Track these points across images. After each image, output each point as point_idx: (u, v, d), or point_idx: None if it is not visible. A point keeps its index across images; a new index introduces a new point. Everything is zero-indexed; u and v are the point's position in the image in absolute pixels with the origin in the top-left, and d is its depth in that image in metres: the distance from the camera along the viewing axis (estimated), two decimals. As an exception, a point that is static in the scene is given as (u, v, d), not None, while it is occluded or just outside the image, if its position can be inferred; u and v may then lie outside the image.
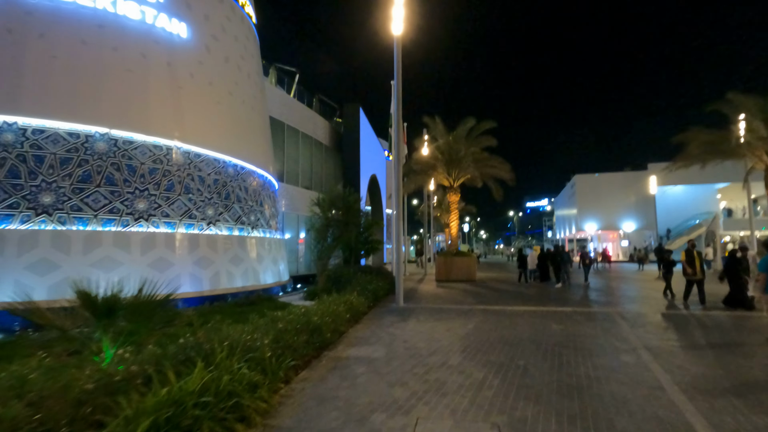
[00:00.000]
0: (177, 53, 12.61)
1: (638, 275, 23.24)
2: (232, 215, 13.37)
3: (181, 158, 12.12)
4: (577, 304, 11.50)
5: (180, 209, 11.75)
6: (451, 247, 20.23)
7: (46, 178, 9.93)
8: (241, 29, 15.81)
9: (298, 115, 24.50)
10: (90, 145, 10.56)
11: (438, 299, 12.40)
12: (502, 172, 18.79)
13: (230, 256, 12.98)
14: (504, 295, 13.42)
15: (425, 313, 9.65)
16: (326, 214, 12.43)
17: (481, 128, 19.60)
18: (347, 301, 7.95)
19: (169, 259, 11.22)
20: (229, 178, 13.61)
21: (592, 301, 12.22)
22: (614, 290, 15.45)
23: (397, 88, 11.48)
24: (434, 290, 15.09)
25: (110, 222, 10.42)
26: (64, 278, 9.65)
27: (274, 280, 15.15)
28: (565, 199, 64.30)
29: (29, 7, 10.66)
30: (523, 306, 10.90)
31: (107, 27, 11.35)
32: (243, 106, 15.07)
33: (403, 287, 11.57)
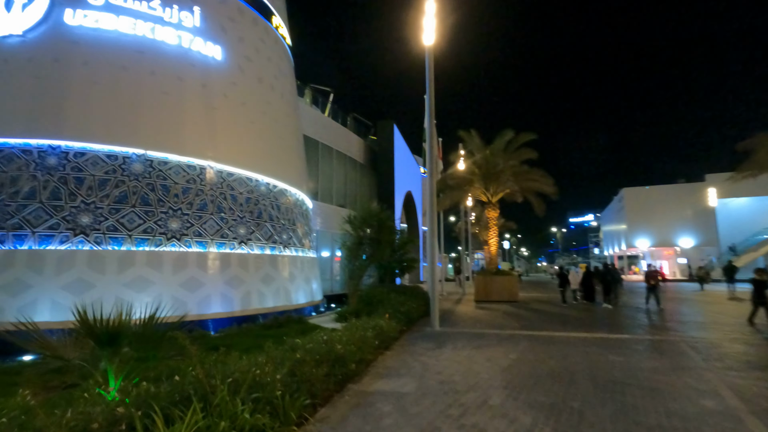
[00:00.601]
0: (211, 75, 12.84)
1: (700, 296, 21.11)
2: (263, 234, 13.24)
3: (214, 177, 12.16)
4: (635, 329, 10.30)
5: (212, 228, 11.71)
6: (491, 266, 19.22)
7: (85, 200, 10.16)
8: (275, 50, 16.03)
9: (333, 134, 24.60)
10: (127, 166, 10.77)
11: (477, 322, 11.55)
12: (544, 185, 17.74)
13: (261, 276, 12.78)
14: (550, 318, 12.34)
15: (463, 338, 8.88)
16: (357, 232, 12.02)
17: (520, 140, 18.72)
18: (376, 325, 7.38)
19: (200, 279, 11.13)
20: (261, 196, 13.55)
21: (651, 326, 10.94)
22: (675, 313, 13.91)
23: (430, 101, 11.02)
24: (473, 312, 14.19)
25: (144, 242, 10.48)
26: (99, 298, 9.71)
27: (306, 300, 14.82)
28: (613, 213, 60.93)
29: (76, 37, 11.18)
30: (572, 332, 9.87)
31: (146, 52, 11.71)
32: (276, 125, 15.13)
33: (439, 308, 10.87)
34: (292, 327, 10.10)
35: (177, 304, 10.58)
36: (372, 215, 12.03)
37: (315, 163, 22.66)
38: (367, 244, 12.13)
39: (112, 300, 9.87)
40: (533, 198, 19.41)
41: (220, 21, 13.55)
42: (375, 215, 12.02)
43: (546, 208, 19.75)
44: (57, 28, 11.16)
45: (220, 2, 13.71)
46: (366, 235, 12.13)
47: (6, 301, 9.24)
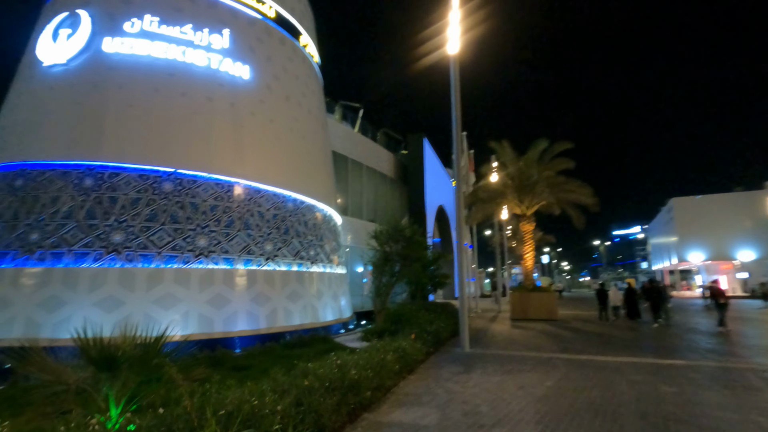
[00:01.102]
0: (240, 94, 13.09)
1: (765, 315, 19.10)
2: (290, 250, 13.17)
3: (242, 194, 12.26)
4: (690, 354, 9.26)
5: (239, 245, 11.74)
6: (527, 282, 18.27)
7: (117, 218, 10.45)
8: (302, 68, 16.25)
9: (362, 149, 24.64)
10: (157, 185, 11.03)
11: (511, 343, 10.82)
12: (583, 196, 16.76)
13: (288, 293, 12.66)
14: (592, 339, 11.40)
15: (494, 362, 8.26)
16: (384, 247, 11.69)
17: (556, 150, 17.89)
18: (398, 347, 6.95)
19: (226, 296, 11.12)
20: (288, 212, 13.54)
21: (709, 350, 9.82)
22: (738, 335, 12.53)
23: (456, 111, 10.64)
24: (508, 331, 13.40)
25: (172, 259, 10.61)
26: (128, 315, 9.87)
27: (334, 317, 14.55)
28: (661, 225, 57.40)
29: (113, 63, 11.72)
30: (618, 355, 8.99)
31: (177, 75, 12.10)
32: (303, 142, 15.20)
33: (471, 327, 10.29)
34: (316, 346, 9.81)
35: (203, 321, 10.60)
36: (399, 230, 11.67)
37: (344, 178, 22.69)
38: (394, 260, 11.75)
39: (141, 317, 10.02)
40: (571, 210, 18.40)
41: (249, 42, 13.88)
42: (401, 230, 11.66)
43: (586, 221, 18.69)
44: (96, 55, 11.75)
45: (248, 24, 14.07)
46: (393, 251, 11.77)
47: (43, 317, 9.55)
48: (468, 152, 21.07)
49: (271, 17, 14.99)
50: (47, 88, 11.69)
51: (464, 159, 20.81)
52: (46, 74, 11.86)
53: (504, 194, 17.77)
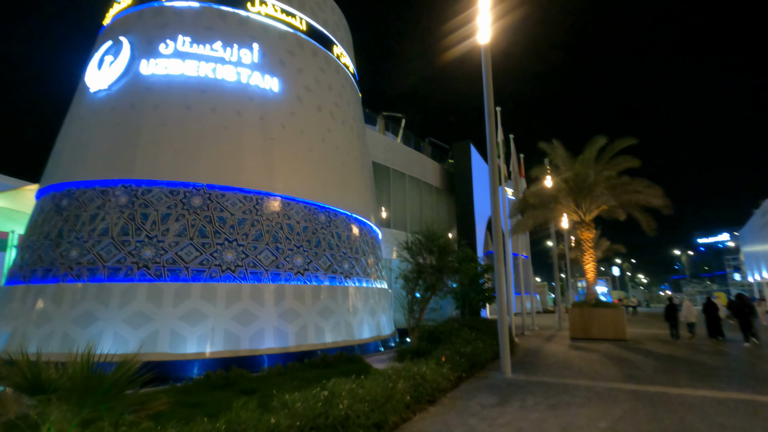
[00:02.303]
0: (269, 107, 12.99)
1: None
2: (322, 264, 12.65)
3: (270, 207, 12.00)
4: (803, 389, 7.28)
5: (267, 259, 11.42)
6: (589, 296, 16.29)
7: (148, 234, 10.55)
8: (336, 79, 16.00)
9: (405, 159, 23.96)
10: (186, 200, 11.06)
11: (564, 368, 9.34)
12: (651, 197, 14.64)
13: (319, 309, 12.09)
14: (667, 365, 9.56)
15: (538, 391, 6.98)
16: (417, 259, 10.77)
17: (616, 147, 15.98)
18: (417, 373, 5.99)
19: (253, 312, 10.77)
20: (320, 225, 13.08)
21: (830, 384, 7.71)
22: None
23: (489, 107, 9.58)
24: (564, 353, 11.77)
25: (200, 274, 10.48)
26: (155, 331, 9.81)
27: (371, 335, 13.74)
28: (755, 230, 50.40)
29: (149, 83, 12.12)
30: (699, 388, 7.29)
31: (208, 91, 12.24)
32: (336, 153, 14.81)
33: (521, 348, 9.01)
34: (341, 366, 9.06)
35: (229, 338, 10.29)
36: (432, 239, 10.71)
37: (387, 190, 22.09)
38: (428, 272, 10.78)
39: (168, 333, 9.93)
40: (639, 214, 16.23)
41: (279, 55, 13.85)
42: (435, 239, 10.68)
43: (662, 227, 16.51)
44: (134, 78, 12.23)
45: (279, 37, 14.07)
46: (426, 263, 10.81)
47: (77, 332, 9.74)
48: (516, 155, 19.57)
49: (302, 30, 14.93)
50: (92, 113, 12.32)
51: (513, 163, 19.35)
52: (93, 100, 12.53)
53: (557, 199, 16.09)
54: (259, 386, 7.33)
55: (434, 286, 10.76)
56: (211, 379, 7.59)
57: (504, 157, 16.58)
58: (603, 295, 62.61)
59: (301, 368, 9.14)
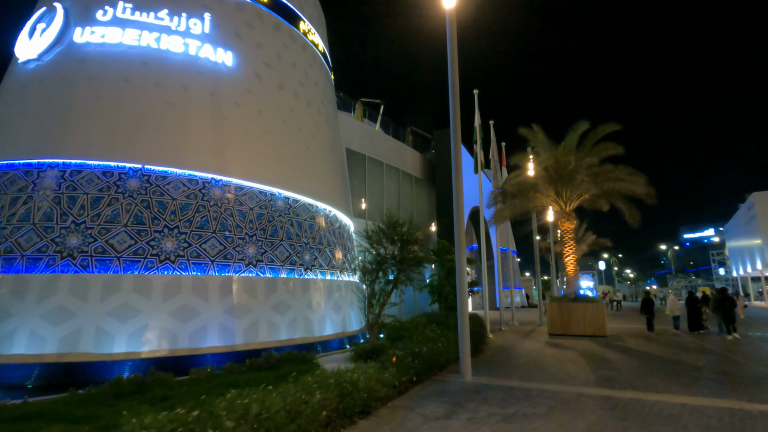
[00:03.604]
0: (222, 82, 11.84)
1: None
2: (279, 254, 11.61)
3: (219, 192, 10.90)
4: (794, 394, 6.46)
5: (213, 248, 10.35)
6: (569, 290, 15.48)
7: (75, 219, 9.41)
8: (302, 56, 14.86)
9: (382, 147, 22.90)
10: (122, 183, 9.92)
11: (534, 369, 8.45)
12: (634, 185, 13.79)
13: (273, 303, 11.07)
14: (646, 365, 8.73)
15: (497, 399, 6.05)
16: (376, 248, 9.80)
17: (599, 133, 15.10)
18: (347, 380, 5.00)
19: (195, 307, 9.71)
20: (278, 212, 12.02)
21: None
22: None
23: (453, 80, 8.56)
24: (538, 351, 10.91)
25: (133, 265, 9.38)
26: (79, 328, 8.71)
27: (334, 331, 12.77)
28: (740, 225, 50.37)
29: (83, 54, 10.90)
30: (679, 392, 6.43)
31: (151, 64, 11.06)
32: (300, 135, 13.72)
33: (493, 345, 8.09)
34: (285, 368, 8.03)
35: (165, 336, 9.24)
36: (394, 227, 9.72)
37: (362, 178, 21.04)
38: (389, 264, 9.80)
39: (93, 330, 8.82)
40: (622, 204, 15.42)
41: (235, 27, 12.67)
42: (397, 227, 9.70)
43: (648, 222, 15.97)
44: (67, 48, 11.00)
45: (235, 8, 12.89)
46: (388, 253, 9.83)
47: (-12, 330, 8.60)
48: (496, 143, 18.63)
49: (264, 2, 13.75)
50: (19, 86, 11.07)
51: (493, 150, 18.42)
52: (21, 71, 11.26)
53: (536, 187, 15.18)
54: (174, 393, 6.29)
55: (396, 278, 9.78)
56: (121, 384, 6.53)
57: (481, 143, 15.62)
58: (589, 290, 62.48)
59: (239, 370, 8.10)
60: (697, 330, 15.07)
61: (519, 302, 43.55)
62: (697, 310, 15.17)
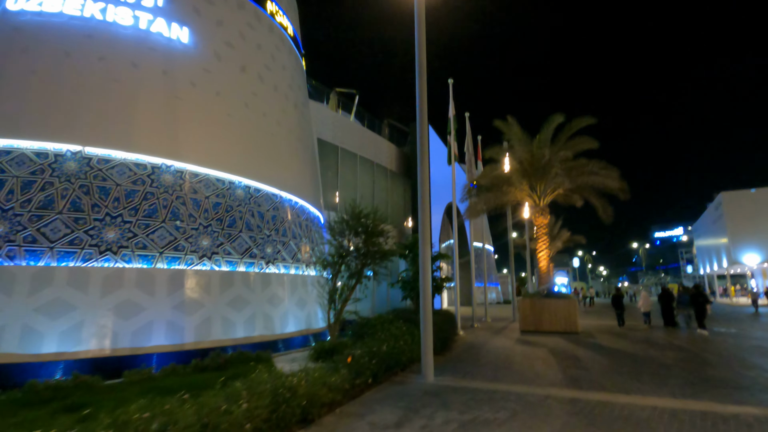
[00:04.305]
0: (176, 60, 10.96)
1: None
2: (237, 247, 10.86)
3: (170, 178, 10.07)
4: (763, 393, 6.19)
5: (162, 239, 9.53)
6: (542, 285, 15.23)
7: (2, 205, 8.44)
8: (269, 38, 14.04)
9: (357, 138, 22.22)
10: (58, 165, 8.98)
11: (502, 368, 8.02)
12: (608, 179, 13.59)
13: (230, 299, 10.33)
14: (617, 363, 8.41)
15: (457, 402, 5.55)
16: (338, 240, 9.18)
17: (575, 127, 14.85)
18: (283, 386, 4.39)
19: (139, 302, 8.89)
20: (237, 202, 11.25)
21: (793, 386, 6.68)
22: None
23: (420, 66, 8.00)
24: (508, 348, 10.53)
25: (69, 256, 8.49)
26: (1, 326, 7.80)
27: (298, 328, 12.10)
28: (708, 224, 51.83)
29: (18, 23, 9.85)
30: (650, 393, 6.08)
31: (95, 36, 10.10)
32: (264, 120, 12.93)
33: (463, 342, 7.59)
34: (233, 369, 7.37)
35: (103, 334, 8.40)
36: (358, 218, 9.11)
37: (334, 170, 20.33)
38: (352, 257, 9.21)
39: (19, 328, 7.92)
40: (595, 199, 15.24)
41: (193, 2, 11.77)
42: (358, 218, 9.09)
43: (621, 221, 15.83)
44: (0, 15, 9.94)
45: (194, -18, 11.98)
46: (351, 247, 9.22)
47: None
48: (472, 136, 18.21)
49: (227, -23, 12.87)
50: (-56, 56, 9.94)
51: (468, 143, 17.99)
52: (-53, 41, 10.13)
53: (510, 181, 14.82)
54: (96, 400, 5.55)
55: (359, 272, 9.20)
56: (35, 390, 5.76)
57: (456, 135, 15.15)
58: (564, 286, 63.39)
59: (181, 371, 7.39)
60: (670, 325, 15.45)
61: (495, 298, 43.70)
62: (669, 307, 15.51)
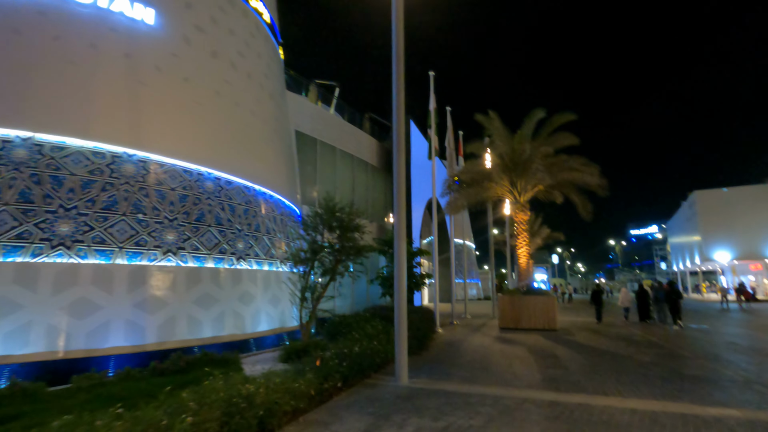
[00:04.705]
0: (140, 43, 10.29)
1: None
2: (205, 241, 10.31)
3: (132, 168, 9.44)
4: (743, 393, 6.07)
5: (122, 233, 8.92)
6: (521, 282, 15.11)
7: (-59, 195, 7.72)
8: (243, 24, 13.41)
9: (336, 131, 21.71)
10: (6, 153, 8.27)
11: (479, 368, 7.76)
12: (587, 176, 13.51)
13: (196, 296, 9.79)
14: (595, 362, 8.26)
15: (431, 407, 5.23)
16: (312, 236, 8.76)
17: (555, 123, 14.73)
18: (239, 394, 3.97)
19: (95, 301, 8.29)
20: (206, 194, 10.68)
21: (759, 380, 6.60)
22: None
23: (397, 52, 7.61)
24: (486, 347, 10.30)
25: (15, 251, 7.83)
26: (-63, 327, 7.12)
27: (271, 327, 11.64)
28: (681, 222, 53.18)
29: (-39, -3, 9.06)
30: (630, 395, 5.88)
31: (49, 14, 9.36)
32: (237, 110, 12.35)
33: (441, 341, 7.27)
34: (197, 371, 6.88)
35: (54, 334, 7.78)
36: (332, 212, 8.70)
37: (312, 163, 19.81)
38: (326, 253, 8.80)
39: (-43, 330, 7.26)
40: (575, 196, 15.18)
41: (160, -18, 11.09)
42: (333, 211, 8.68)
43: (600, 220, 15.80)
44: (-59, -12, 9.10)
45: (161, -39, 11.28)
46: (324, 241, 8.81)
47: None
48: (453, 131, 17.96)
49: (198, -43, 12.18)
50: None
51: (449, 138, 17.73)
52: None
53: (491, 176, 14.62)
54: (33, 409, 5.03)
55: (333, 269, 8.80)
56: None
57: (437, 129, 14.84)
58: (543, 283, 64.28)
59: (137, 376, 6.86)
60: (645, 320, 15.92)
61: (475, 294, 43.86)
62: (646, 303, 16.06)
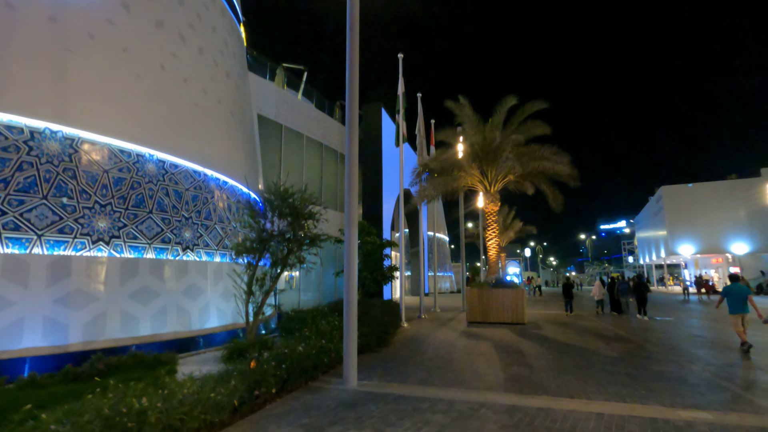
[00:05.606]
0: (69, 7, 9.13)
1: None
2: (145, 230, 9.32)
3: (56, 146, 8.36)
4: (712, 393, 5.69)
5: (42, 219, 7.87)
6: (491, 275, 14.69)
7: None
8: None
9: (303, 117, 20.73)
10: None
11: (439, 367, 7.18)
12: (558, 165, 13.12)
13: (133, 290, 8.83)
14: (561, 359, 7.82)
15: (376, 416, 4.58)
16: (259, 223, 7.97)
17: (527, 111, 14.30)
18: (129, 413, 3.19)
19: (6, 296, 7.25)
20: (147, 178, 9.67)
21: (737, 381, 6.27)
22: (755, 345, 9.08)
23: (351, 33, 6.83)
24: (450, 343, 9.77)
25: None
26: None
27: (222, 323, 10.77)
28: (649, 217, 54.59)
29: None
30: (595, 396, 5.41)
31: (-45, -34, 8.12)
32: (186, 87, 11.31)
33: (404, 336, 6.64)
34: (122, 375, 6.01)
35: (-47, 335, 6.73)
36: (282, 197, 7.91)
37: (277, 150, 18.82)
38: (275, 242, 8.01)
39: None
40: (546, 187, 14.84)
41: (95, -61, 9.91)
42: (284, 197, 7.90)
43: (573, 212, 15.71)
44: None
45: None
46: (273, 229, 8.01)
47: None
48: (423, 118, 17.33)
49: None
50: None
51: (420, 125, 17.09)
52: None
53: (460, 165, 14.07)
54: None
55: (284, 260, 8.02)
56: None
57: (404, 114, 14.16)
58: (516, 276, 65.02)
59: (44, 382, 5.94)
60: (616, 311, 16.70)
61: (448, 287, 43.80)
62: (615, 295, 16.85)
